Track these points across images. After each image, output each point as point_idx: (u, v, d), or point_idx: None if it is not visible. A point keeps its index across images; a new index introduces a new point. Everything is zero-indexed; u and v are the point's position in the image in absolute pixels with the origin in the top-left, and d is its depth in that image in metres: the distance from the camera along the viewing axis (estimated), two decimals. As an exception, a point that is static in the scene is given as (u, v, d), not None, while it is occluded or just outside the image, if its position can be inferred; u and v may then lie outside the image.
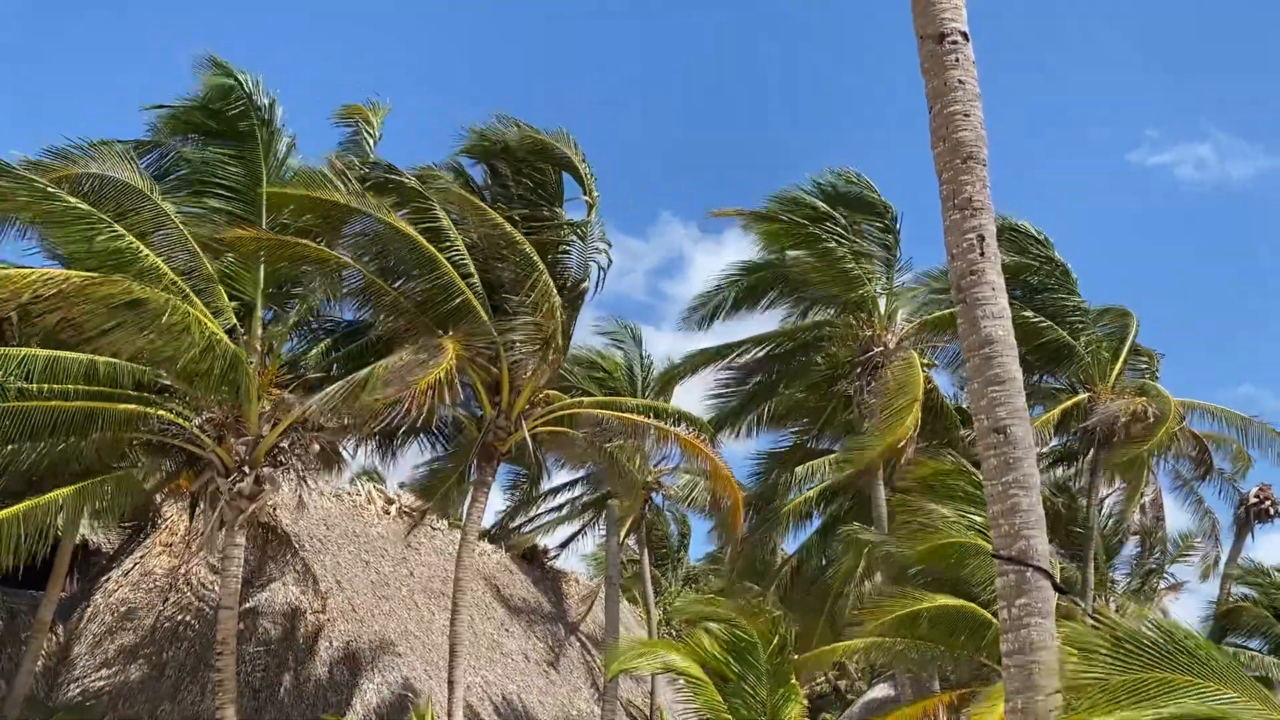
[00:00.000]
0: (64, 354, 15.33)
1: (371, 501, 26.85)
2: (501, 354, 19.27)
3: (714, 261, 76.72)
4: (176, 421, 16.90)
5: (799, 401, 25.20)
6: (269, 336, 18.24)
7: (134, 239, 15.89)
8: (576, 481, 28.00)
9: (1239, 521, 29.65)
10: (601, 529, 28.30)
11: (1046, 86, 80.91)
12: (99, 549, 22.86)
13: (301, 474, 18.44)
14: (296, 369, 19.12)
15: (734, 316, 24.44)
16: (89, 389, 15.84)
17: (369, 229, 18.18)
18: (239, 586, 17.74)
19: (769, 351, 24.50)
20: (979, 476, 10.58)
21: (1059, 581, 9.19)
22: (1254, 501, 29.39)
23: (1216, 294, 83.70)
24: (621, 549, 27.95)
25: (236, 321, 17.15)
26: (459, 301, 18.38)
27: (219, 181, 17.99)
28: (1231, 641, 27.84)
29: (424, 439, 22.30)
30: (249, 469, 17.11)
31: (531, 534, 30.06)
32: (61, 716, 19.36)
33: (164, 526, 22.65)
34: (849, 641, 17.94)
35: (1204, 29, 79.28)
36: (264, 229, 17.57)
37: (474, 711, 22.41)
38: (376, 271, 18.55)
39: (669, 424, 20.71)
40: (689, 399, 44.47)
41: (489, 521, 28.17)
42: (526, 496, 28.46)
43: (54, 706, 19.78)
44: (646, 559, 29.74)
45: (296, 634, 21.45)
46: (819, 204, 22.59)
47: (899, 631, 16.33)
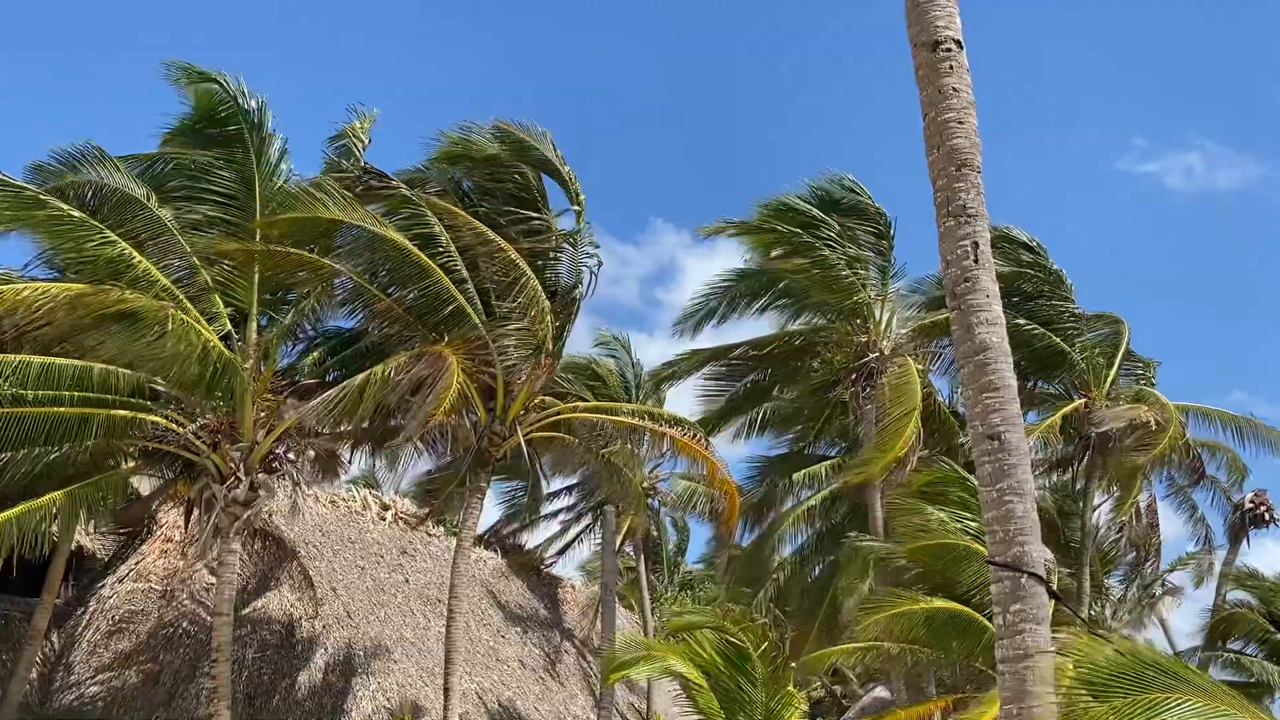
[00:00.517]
0: (58, 360, 15.35)
1: (367, 507, 26.83)
2: (496, 359, 19.24)
3: (707, 268, 76.85)
4: (171, 428, 16.90)
5: (795, 407, 25.21)
6: (264, 343, 18.19)
7: (126, 246, 15.91)
8: (572, 488, 28.04)
9: (1234, 527, 29.56)
10: (598, 536, 28.28)
11: (1034, 95, 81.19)
12: (94, 555, 22.81)
13: (297, 480, 18.42)
14: (291, 375, 19.11)
15: (727, 322, 24.51)
16: (83, 395, 15.85)
17: (361, 237, 18.18)
18: (234, 593, 17.70)
19: (763, 354, 24.51)
20: (974, 482, 10.59)
21: (1054, 588, 9.17)
22: (1249, 507, 29.26)
23: (1205, 302, 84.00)
24: (619, 555, 27.92)
25: (231, 328, 17.13)
26: (452, 308, 18.42)
27: (212, 187, 17.94)
28: (1229, 647, 27.80)
29: (419, 444, 22.26)
30: (244, 475, 17.09)
31: (528, 542, 30.06)
32: (56, 723, 19.33)
33: (160, 533, 22.61)
34: (844, 645, 17.97)
35: (1192, 39, 79.63)
36: (257, 238, 17.54)
37: (470, 718, 22.38)
38: (369, 279, 18.56)
39: (664, 427, 20.72)
40: (683, 406, 44.51)
41: (485, 527, 28.17)
42: (523, 504, 28.46)
43: (49, 713, 19.72)
44: (643, 566, 29.71)
45: (292, 640, 21.42)
46: (812, 210, 22.61)
47: (895, 635, 16.32)
